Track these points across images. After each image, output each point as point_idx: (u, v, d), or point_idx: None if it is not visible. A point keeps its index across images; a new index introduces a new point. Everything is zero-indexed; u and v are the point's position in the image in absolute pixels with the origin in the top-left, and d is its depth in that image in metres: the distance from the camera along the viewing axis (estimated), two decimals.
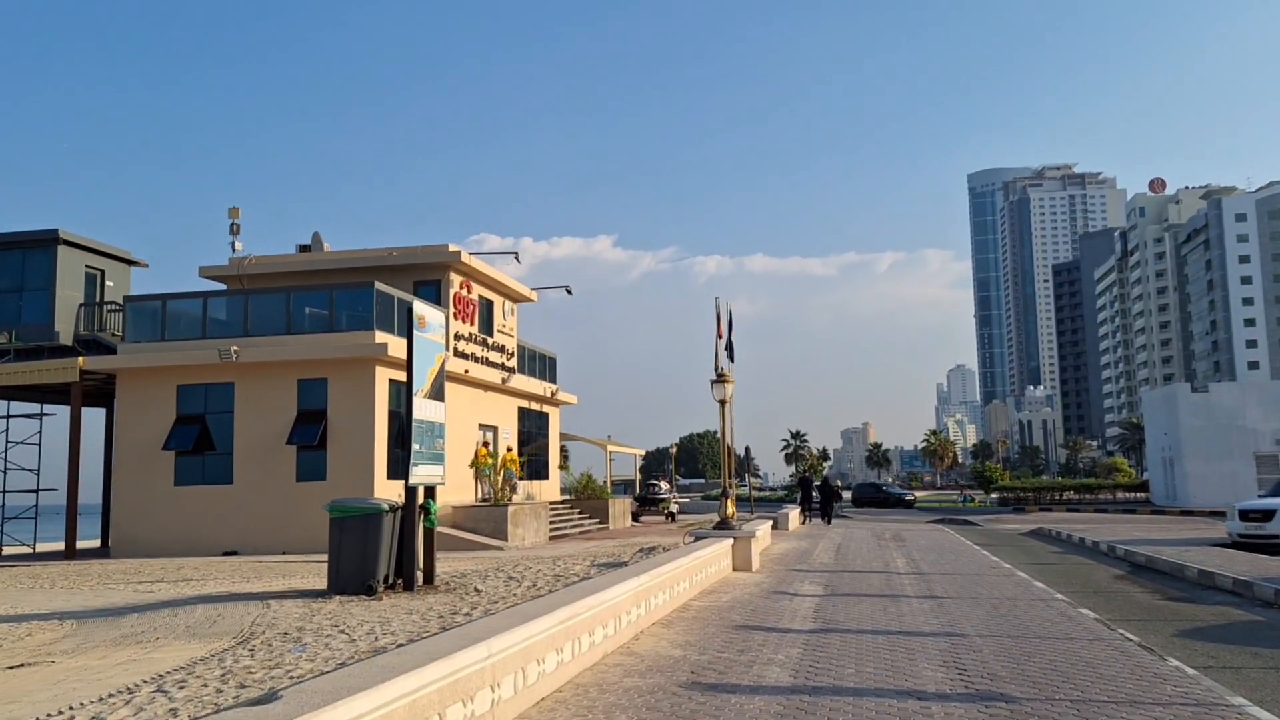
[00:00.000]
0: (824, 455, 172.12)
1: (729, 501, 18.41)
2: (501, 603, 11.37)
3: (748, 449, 44.19)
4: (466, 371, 26.67)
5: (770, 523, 26.01)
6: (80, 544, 26.52)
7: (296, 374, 22.78)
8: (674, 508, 36.99)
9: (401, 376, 23.99)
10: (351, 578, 12.38)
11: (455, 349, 26.84)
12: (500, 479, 27.73)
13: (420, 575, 13.14)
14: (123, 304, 25.85)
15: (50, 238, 28.95)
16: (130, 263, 31.54)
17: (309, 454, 22.76)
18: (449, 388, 26.36)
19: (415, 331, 12.81)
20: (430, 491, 13.43)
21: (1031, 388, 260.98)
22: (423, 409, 12.86)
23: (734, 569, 17.25)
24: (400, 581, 12.68)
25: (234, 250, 28.20)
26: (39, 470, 26.18)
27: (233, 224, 28.49)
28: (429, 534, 13.30)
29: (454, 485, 25.53)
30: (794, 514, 33.30)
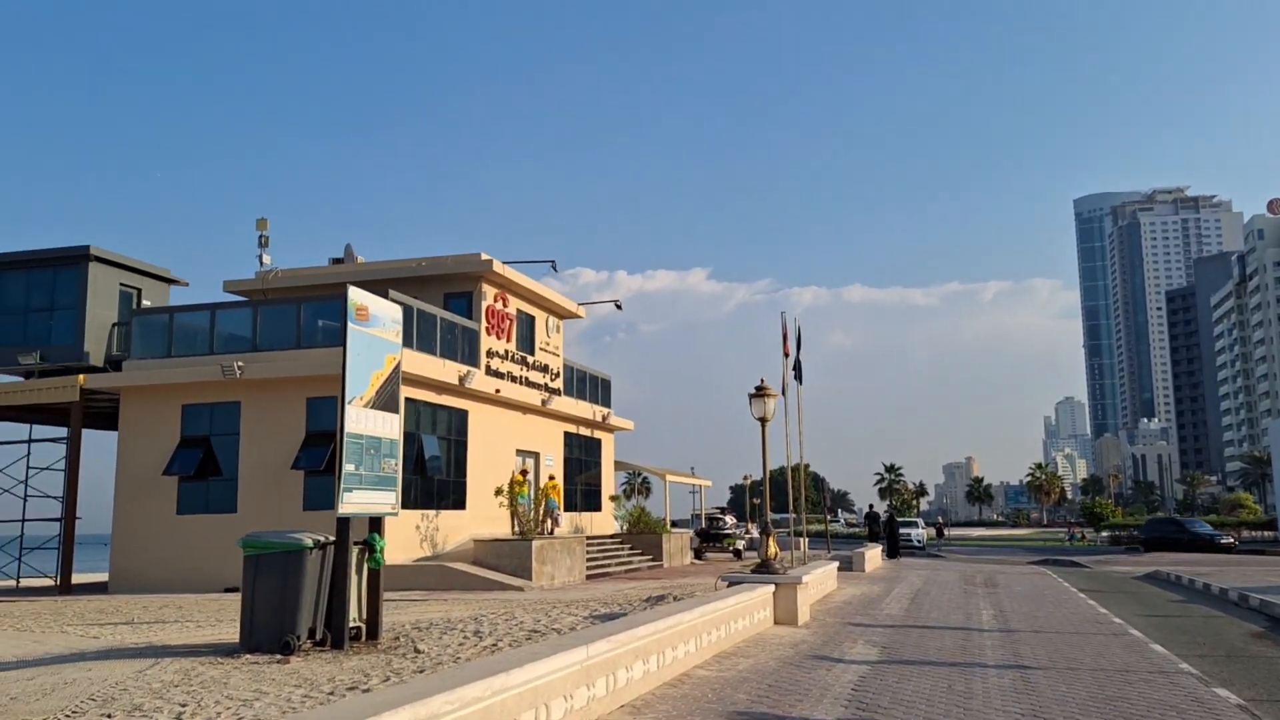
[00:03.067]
0: (921, 490, 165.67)
1: (770, 540, 15.48)
2: (437, 668, 8.76)
3: (824, 481, 40.82)
4: (498, 391, 24.29)
5: (836, 564, 22.83)
6: (89, 577, 24.88)
7: (306, 391, 20.68)
8: (740, 544, 33.95)
9: (419, 394, 21.83)
10: (267, 631, 9.90)
11: (487, 366, 24.51)
12: (540, 510, 25.21)
13: (362, 628, 10.59)
14: (129, 318, 24.21)
15: (81, 255, 27.67)
16: (169, 281, 30.16)
17: (317, 479, 20.58)
18: (475, 409, 24.19)
19: (352, 325, 10.36)
20: (378, 525, 10.92)
21: (1145, 420, 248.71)
22: (361, 421, 10.37)
23: (776, 621, 14.30)
24: (330, 636, 10.14)
25: (261, 263, 26.51)
26: (63, 498, 24.61)
27: (261, 236, 26.82)
28: (374, 577, 10.77)
29: (482, 517, 23.08)
30: (871, 553, 29.93)
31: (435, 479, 22.07)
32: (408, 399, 21.04)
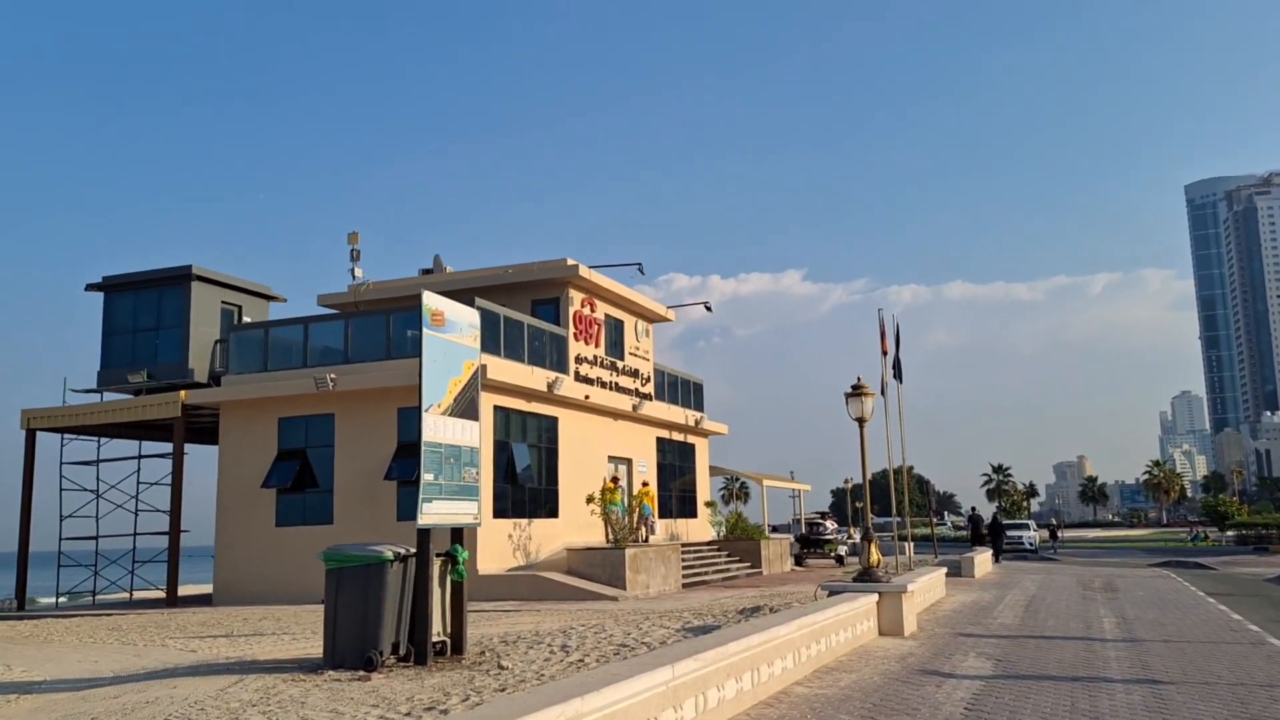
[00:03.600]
0: (1031, 491, 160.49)
1: (873, 546, 14.72)
2: (519, 687, 8.37)
3: (928, 483, 39.46)
4: (587, 397, 23.97)
5: (944, 570, 21.83)
6: (197, 589, 25.42)
7: (396, 402, 20.67)
8: (843, 550, 33.00)
9: (508, 402, 21.63)
10: (350, 646, 9.66)
11: (575, 372, 24.22)
12: (635, 517, 24.80)
13: (447, 643, 10.28)
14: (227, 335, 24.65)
15: (183, 275, 28.39)
16: (268, 297, 30.76)
17: (409, 490, 20.49)
18: (565, 416, 23.89)
19: (427, 331, 10.07)
20: (460, 536, 10.61)
21: (1269, 413, 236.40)
22: (440, 429, 10.06)
23: (880, 633, 13.56)
24: (414, 651, 9.84)
25: (353, 277, 26.75)
26: (172, 512, 25.21)
27: (353, 250, 27.07)
28: (458, 590, 10.45)
29: (575, 525, 22.78)
30: (981, 558, 28.70)
31: (527, 487, 21.85)
32: (496, 407, 20.88)
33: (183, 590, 27.29)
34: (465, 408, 10.60)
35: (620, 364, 26.73)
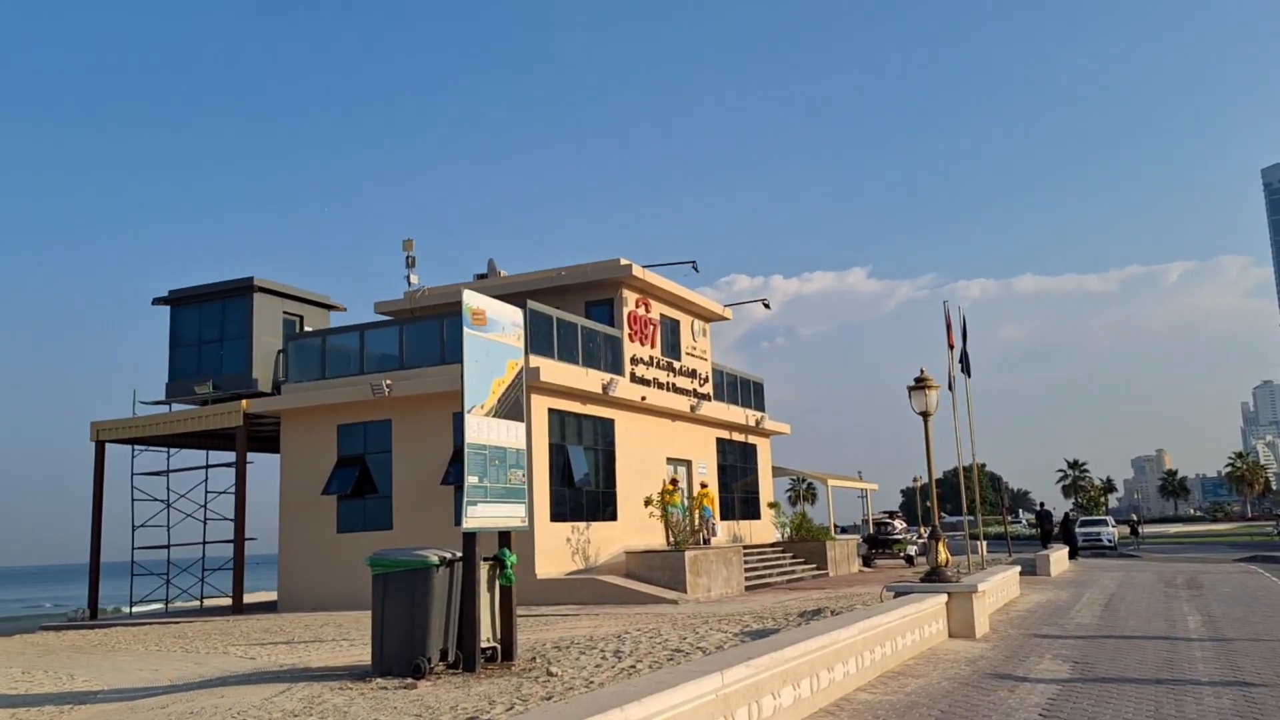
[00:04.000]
0: (1109, 486, 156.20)
1: (940, 545, 14.15)
2: (566, 694, 8.08)
3: (1001, 480, 38.35)
4: (643, 399, 23.64)
5: (1018, 568, 21.08)
6: (264, 596, 25.64)
7: (452, 406, 20.52)
8: (912, 550, 32.16)
9: (563, 404, 21.42)
10: (398, 653, 9.46)
11: (631, 374, 23.91)
12: (697, 518, 24.43)
13: (497, 649, 10.03)
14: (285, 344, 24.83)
15: (245, 286, 28.75)
16: (328, 307, 31.04)
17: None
18: (622, 418, 23.61)
19: (468, 330, 9.84)
20: (506, 539, 10.36)
21: None
22: (483, 430, 9.83)
23: (950, 635, 13.01)
24: (462, 658, 9.61)
25: (409, 283, 26.82)
26: (236, 520, 25.48)
27: (408, 257, 27.15)
28: (506, 594, 10.20)
29: (635, 528, 22.48)
30: (1057, 555, 27.74)
31: (584, 490, 21.60)
32: (551, 410, 20.68)
33: (249, 597, 27.60)
34: (510, 408, 10.35)
35: (677, 364, 26.37)
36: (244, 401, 23.54)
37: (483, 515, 9.69)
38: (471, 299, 9.94)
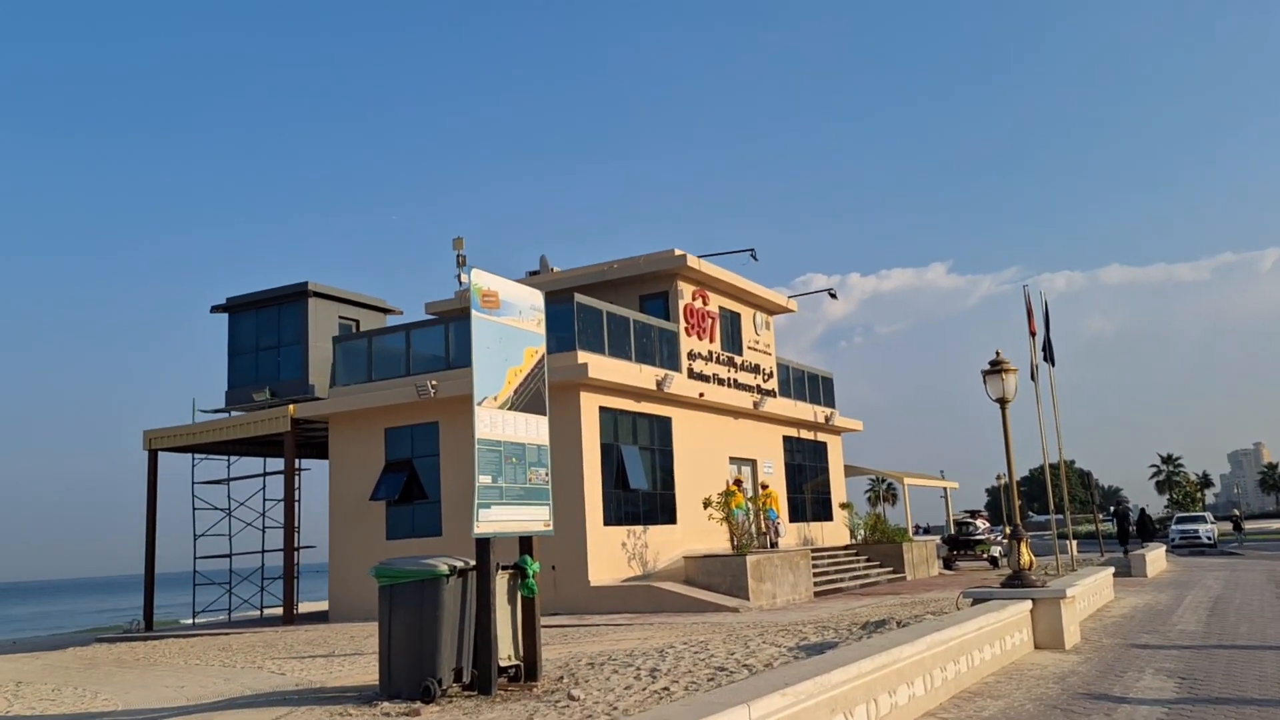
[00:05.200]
0: (1205, 481, 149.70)
1: (1023, 546, 12.74)
2: None
3: (1091, 476, 36.25)
4: (702, 395, 22.47)
5: (1111, 569, 19.43)
6: (317, 606, 25.14)
7: None
8: (996, 551, 30.40)
9: (615, 402, 20.38)
10: (406, 673, 8.52)
11: (689, 369, 22.78)
12: (760, 520, 23.21)
13: (519, 667, 9.03)
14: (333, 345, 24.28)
15: (300, 291, 28.45)
16: (384, 310, 30.59)
17: None
18: (679, 415, 22.46)
19: (477, 314, 8.89)
20: (528, 545, 9.36)
21: None
22: (497, 425, 8.84)
23: (1036, 646, 11.65)
24: (478, 677, 8.62)
25: (460, 283, 26.09)
26: (285, 528, 25.04)
27: (459, 256, 26.45)
28: (529, 607, 9.19)
29: (696, 531, 21.34)
30: (1154, 554, 25.82)
31: (640, 492, 20.54)
32: (602, 408, 19.67)
33: (308, 606, 27.18)
34: (530, 400, 9.36)
35: (739, 359, 25.15)
36: (291, 406, 23.03)
37: (498, 519, 8.70)
38: (481, 279, 8.97)
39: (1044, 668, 10.16)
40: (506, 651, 9.00)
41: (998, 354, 12.99)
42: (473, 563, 8.79)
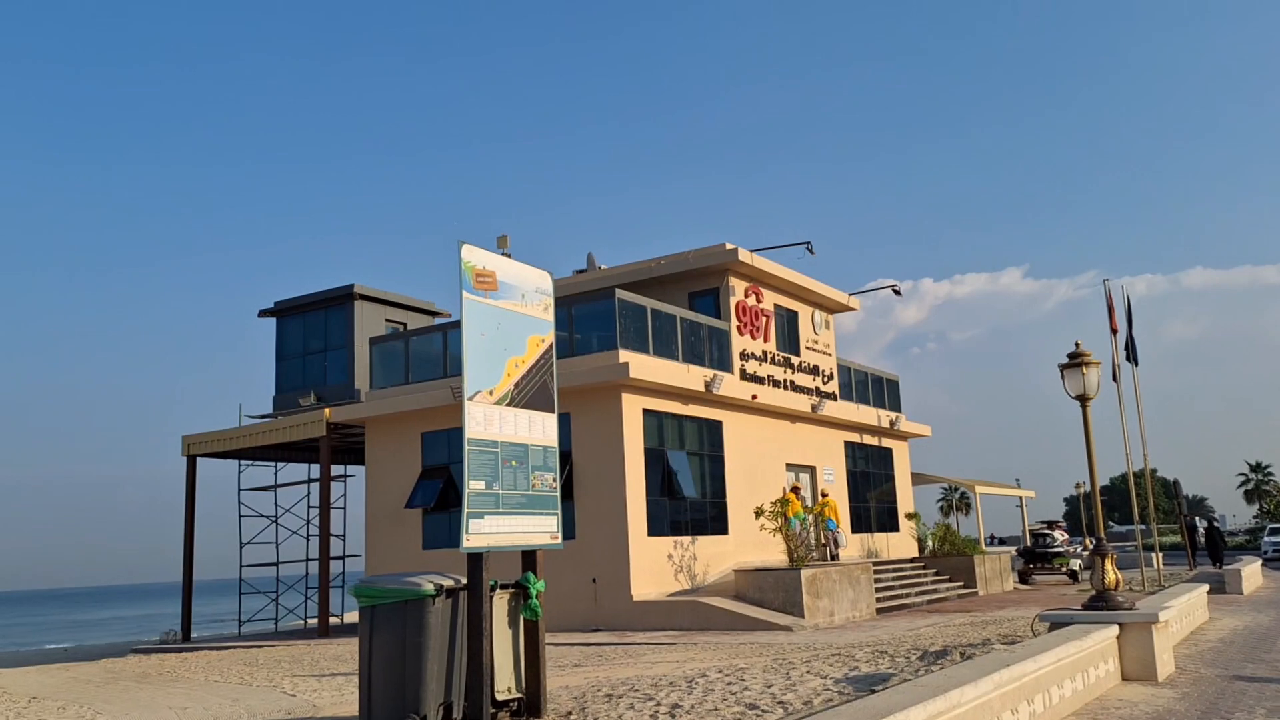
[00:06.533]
0: None
1: (1108, 563, 11.26)
2: None
3: (1176, 482, 34.04)
4: (754, 397, 21.17)
5: (1205, 587, 17.64)
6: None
7: None
8: (1076, 564, 28.53)
9: (661, 405, 19.19)
10: (388, 709, 7.44)
11: (741, 370, 21.50)
12: (818, 531, 21.83)
13: (521, 700, 7.91)
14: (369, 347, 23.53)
15: (346, 294, 27.98)
16: (432, 313, 29.93)
17: (564, 506, 18.48)
18: (731, 419, 21.16)
19: (468, 296, 7.82)
20: (532, 561, 8.24)
21: None
22: (493, 423, 7.75)
23: (1124, 677, 10.19)
24: (469, 713, 7.52)
25: None
26: (321, 535, 24.36)
27: (503, 254, 25.49)
28: (532, 631, 8.07)
29: (750, 543, 20.05)
30: (1250, 569, 23.80)
31: (688, 500, 19.33)
32: (646, 410, 18.51)
33: (350, 617, 26.47)
34: (533, 395, 8.24)
35: (795, 359, 23.78)
36: (327, 410, 22.32)
37: (492, 531, 7.60)
38: (474, 256, 7.91)
39: (1134, 705, 8.75)
40: (506, 683, 7.89)
41: (1077, 345, 11.53)
42: (462, 580, 7.70)
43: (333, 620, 24.02)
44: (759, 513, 17.79)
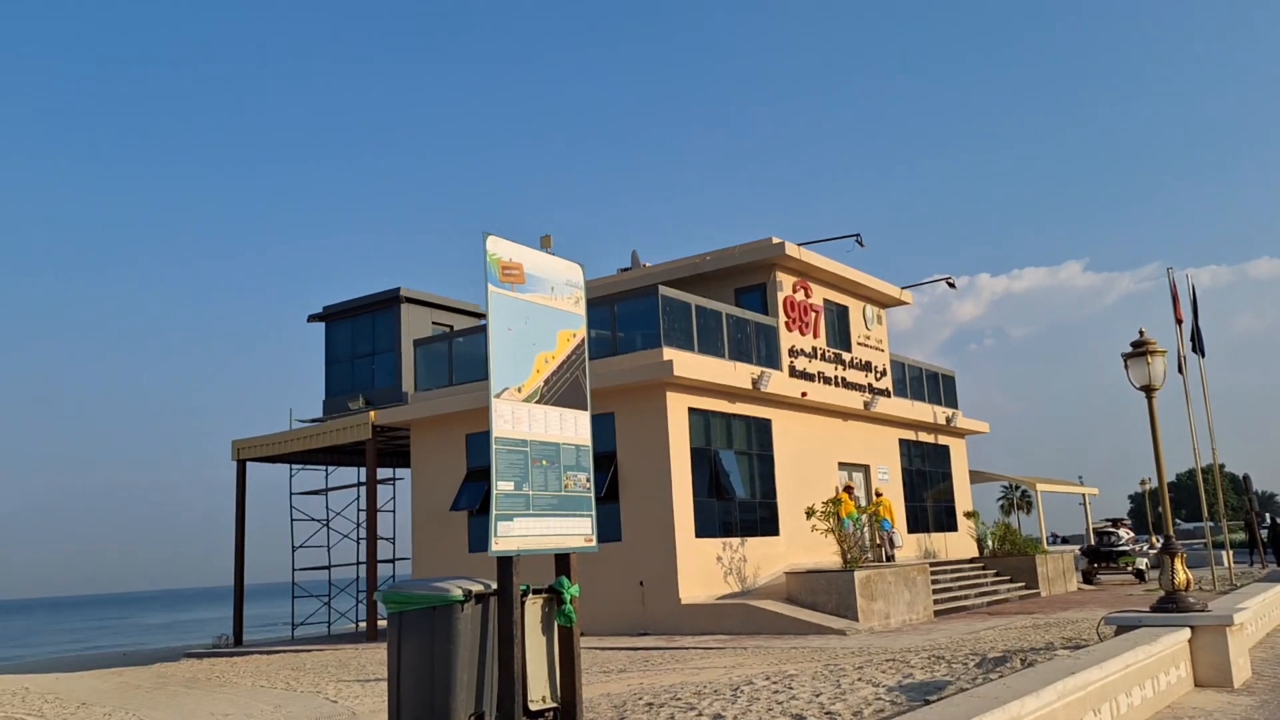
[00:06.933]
0: None
1: (1178, 563, 10.66)
2: None
3: (1247, 477, 32.79)
4: (804, 395, 20.67)
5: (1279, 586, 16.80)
6: None
7: None
8: (1142, 563, 27.54)
9: (707, 403, 18.78)
10: (416, 717, 7.17)
11: (790, 367, 21.01)
12: (873, 532, 21.30)
13: (555, 710, 7.59)
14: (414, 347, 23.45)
15: (392, 298, 28.07)
16: (478, 315, 29.89)
17: (600, 509, 18.10)
18: (780, 417, 20.68)
19: (493, 289, 7.53)
20: (566, 564, 7.92)
21: None
22: (521, 421, 7.45)
23: (1197, 684, 9.63)
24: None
25: None
26: (367, 539, 24.32)
27: (548, 252, 25.30)
28: (566, 637, 7.74)
29: (801, 544, 19.58)
30: None
31: (737, 501, 18.91)
32: (691, 409, 18.13)
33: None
34: (565, 393, 7.93)
35: (847, 356, 23.22)
36: (372, 413, 22.27)
37: (522, 534, 7.29)
38: (499, 248, 7.61)
39: (1209, 714, 8.22)
40: (540, 692, 7.57)
41: (1141, 333, 10.94)
42: (491, 585, 7.40)
43: (381, 624, 23.93)
44: (810, 513, 17.31)
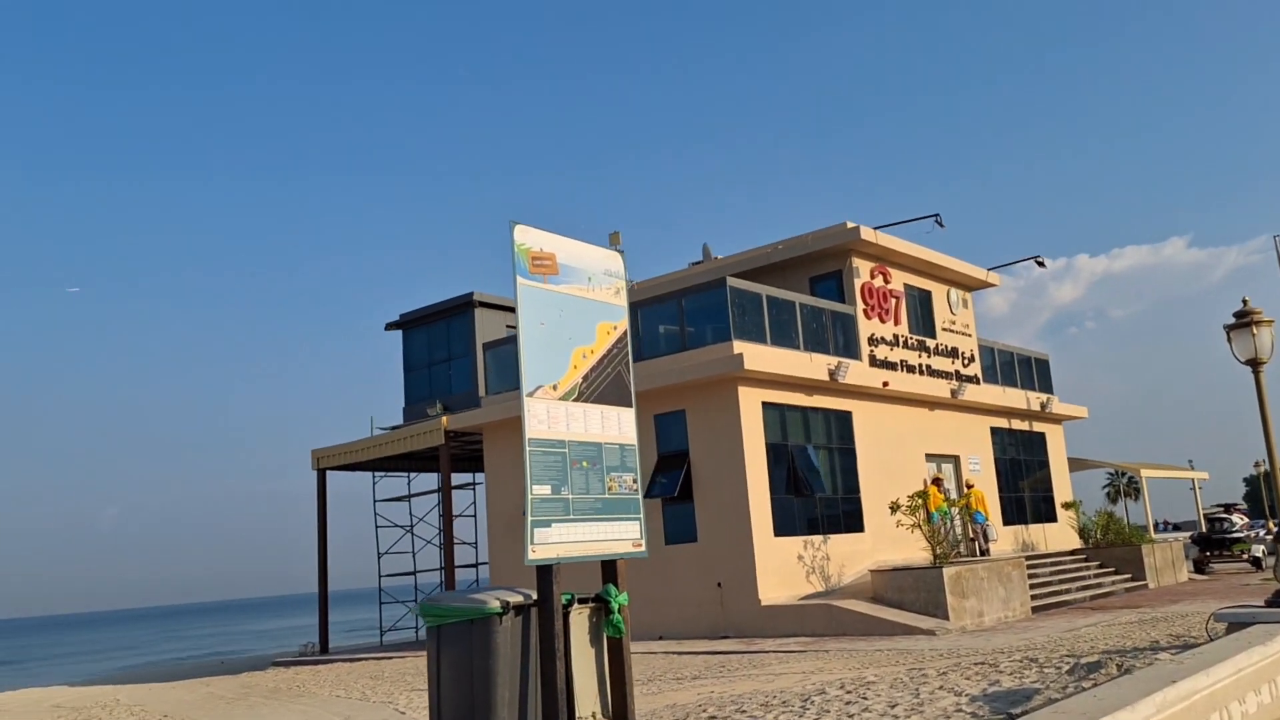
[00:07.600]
0: None
1: None
2: None
3: None
4: (885, 384, 19.80)
5: None
6: None
7: (651, 408, 17.95)
8: (1259, 550, 25.83)
9: (783, 397, 18.09)
10: None
11: (870, 356, 20.17)
12: (965, 526, 20.38)
13: None
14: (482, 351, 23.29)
15: (466, 303, 28.09)
16: None
17: (675, 508, 17.71)
18: (861, 409, 19.81)
19: (523, 281, 7.11)
20: (613, 572, 7.45)
21: None
22: (558, 420, 7.02)
23: None
24: None
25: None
26: (444, 545, 24.26)
27: (617, 250, 24.89)
28: (616, 648, 7.28)
29: (888, 540, 18.77)
30: None
31: (817, 497, 18.20)
32: (766, 404, 17.48)
33: None
34: (606, 389, 7.47)
35: (930, 342, 22.24)
36: (444, 418, 22.18)
37: (561, 540, 6.85)
38: (528, 237, 7.18)
39: None
40: (590, 707, 7.12)
41: (1245, 302, 9.99)
42: (533, 595, 6.97)
43: None
44: (894, 507, 16.53)
